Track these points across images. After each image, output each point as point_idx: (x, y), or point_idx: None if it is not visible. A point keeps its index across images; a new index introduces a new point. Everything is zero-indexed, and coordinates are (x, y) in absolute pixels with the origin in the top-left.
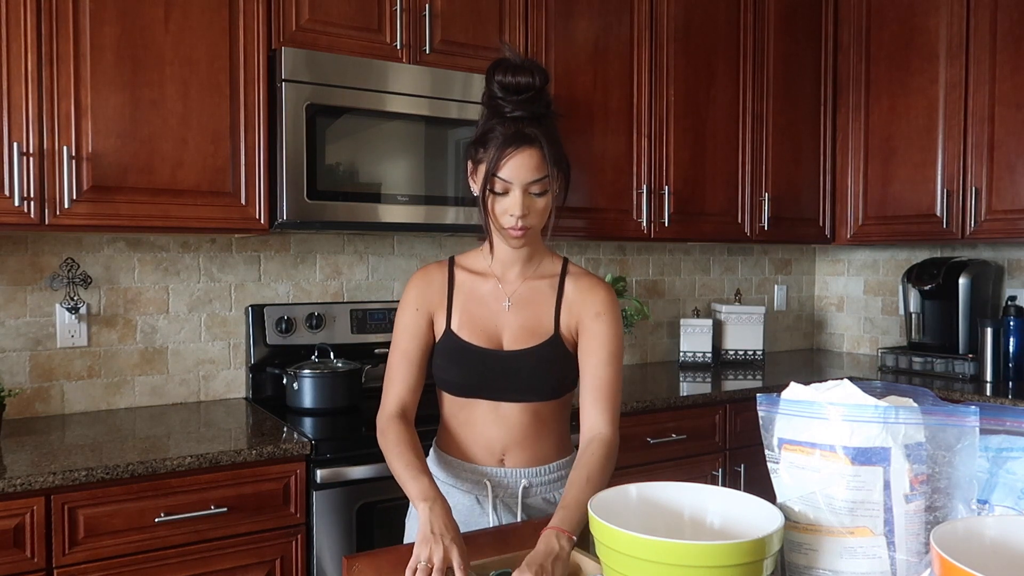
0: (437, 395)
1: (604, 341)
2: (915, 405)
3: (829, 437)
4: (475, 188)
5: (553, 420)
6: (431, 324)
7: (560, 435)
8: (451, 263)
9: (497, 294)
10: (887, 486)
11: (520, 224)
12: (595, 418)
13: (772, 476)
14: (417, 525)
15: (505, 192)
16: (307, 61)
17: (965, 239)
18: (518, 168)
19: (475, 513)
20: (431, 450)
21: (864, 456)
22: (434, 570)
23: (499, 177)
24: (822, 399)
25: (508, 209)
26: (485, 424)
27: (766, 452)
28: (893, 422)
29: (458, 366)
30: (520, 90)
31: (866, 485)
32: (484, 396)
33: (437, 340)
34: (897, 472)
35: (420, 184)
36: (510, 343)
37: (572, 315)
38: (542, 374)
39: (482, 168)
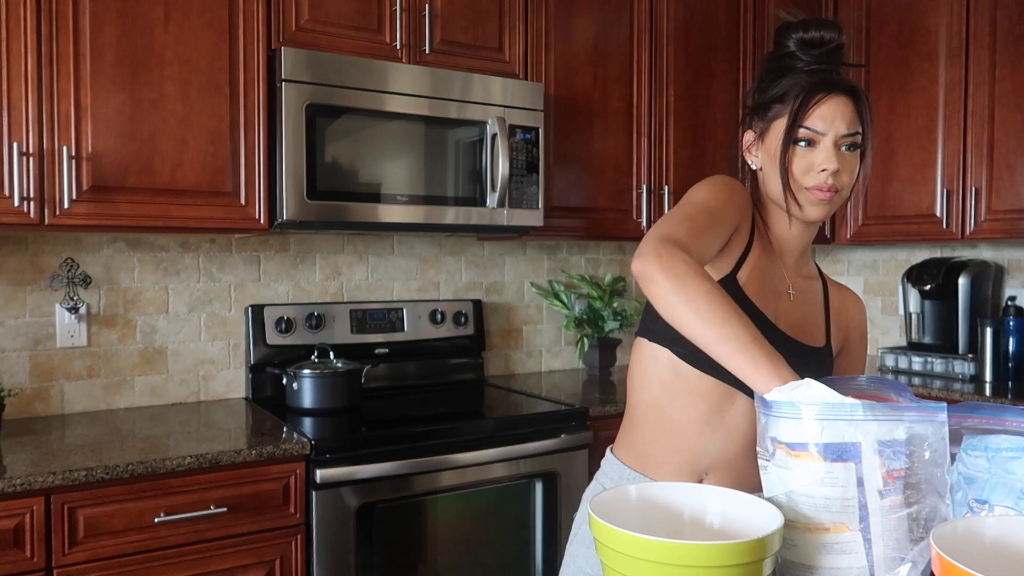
0: (637, 379)
1: (864, 363)
2: (889, 401)
3: (803, 435)
4: (755, 161)
5: None
6: (729, 237)
7: None
8: (755, 211)
9: (782, 276)
10: (860, 482)
11: (831, 183)
12: None
13: (761, 473)
14: (583, 552)
15: (812, 144)
16: (307, 61)
17: (965, 239)
18: (831, 115)
19: None
20: (605, 459)
21: (835, 453)
22: None
23: (806, 127)
24: (791, 398)
25: (818, 164)
26: (700, 428)
27: (758, 450)
28: (861, 419)
29: None
30: (824, 43)
31: (839, 481)
32: (730, 379)
33: (715, 278)
34: (869, 468)
35: (420, 184)
36: (786, 332)
37: (840, 330)
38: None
39: (778, 125)
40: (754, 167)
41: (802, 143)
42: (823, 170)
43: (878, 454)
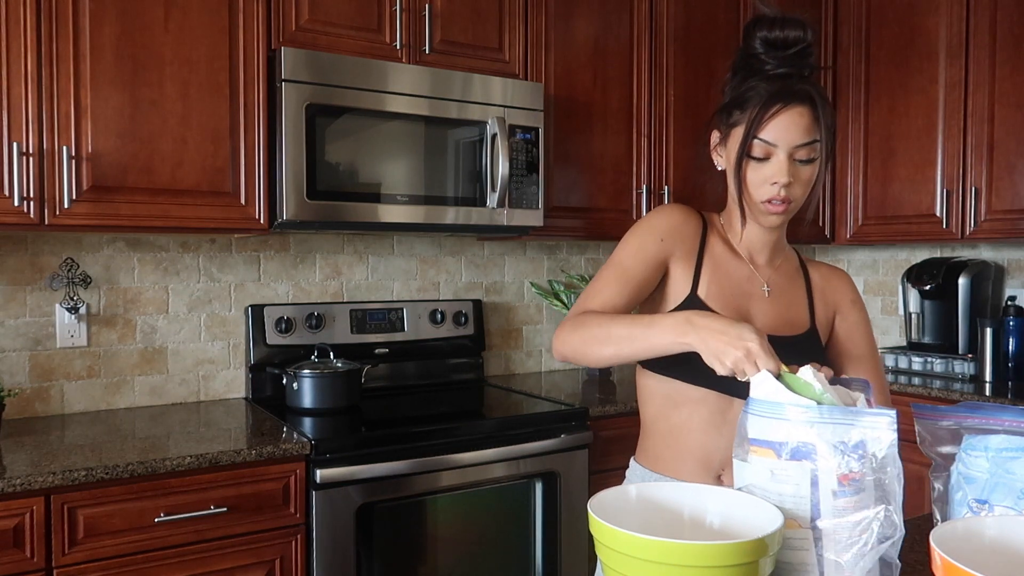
0: (640, 393)
1: (868, 327)
2: (849, 402)
3: (762, 432)
4: (720, 161)
5: None
6: (664, 272)
7: None
8: (704, 220)
9: (751, 277)
10: (815, 482)
11: (783, 195)
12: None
13: (735, 468)
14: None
15: (766, 157)
16: (307, 61)
17: (965, 239)
18: (785, 128)
19: None
20: (629, 468)
21: (791, 452)
22: (758, 355)
23: (761, 139)
24: (753, 395)
25: (769, 177)
26: (705, 431)
27: (735, 449)
28: (818, 422)
29: None
30: (788, 44)
31: (792, 479)
32: (723, 388)
33: (673, 306)
34: (825, 468)
35: (420, 184)
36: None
37: (827, 305)
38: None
39: (737, 132)
40: (719, 167)
41: (756, 155)
42: (775, 183)
43: (835, 455)
